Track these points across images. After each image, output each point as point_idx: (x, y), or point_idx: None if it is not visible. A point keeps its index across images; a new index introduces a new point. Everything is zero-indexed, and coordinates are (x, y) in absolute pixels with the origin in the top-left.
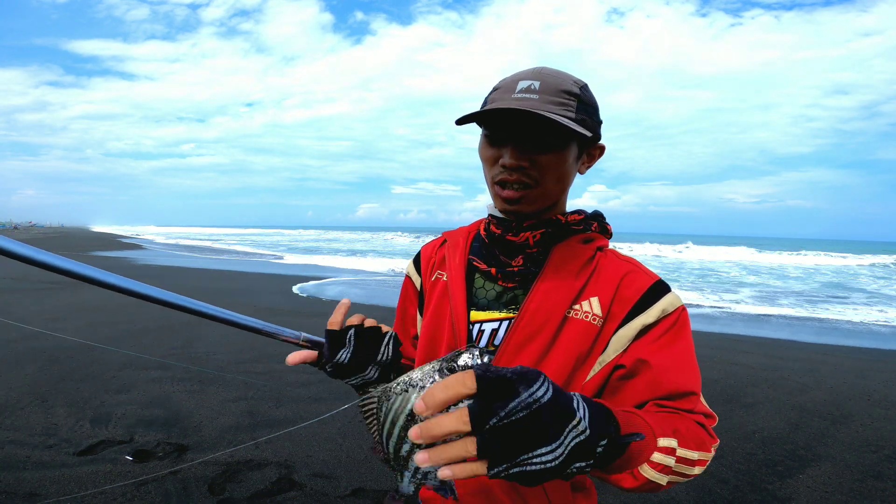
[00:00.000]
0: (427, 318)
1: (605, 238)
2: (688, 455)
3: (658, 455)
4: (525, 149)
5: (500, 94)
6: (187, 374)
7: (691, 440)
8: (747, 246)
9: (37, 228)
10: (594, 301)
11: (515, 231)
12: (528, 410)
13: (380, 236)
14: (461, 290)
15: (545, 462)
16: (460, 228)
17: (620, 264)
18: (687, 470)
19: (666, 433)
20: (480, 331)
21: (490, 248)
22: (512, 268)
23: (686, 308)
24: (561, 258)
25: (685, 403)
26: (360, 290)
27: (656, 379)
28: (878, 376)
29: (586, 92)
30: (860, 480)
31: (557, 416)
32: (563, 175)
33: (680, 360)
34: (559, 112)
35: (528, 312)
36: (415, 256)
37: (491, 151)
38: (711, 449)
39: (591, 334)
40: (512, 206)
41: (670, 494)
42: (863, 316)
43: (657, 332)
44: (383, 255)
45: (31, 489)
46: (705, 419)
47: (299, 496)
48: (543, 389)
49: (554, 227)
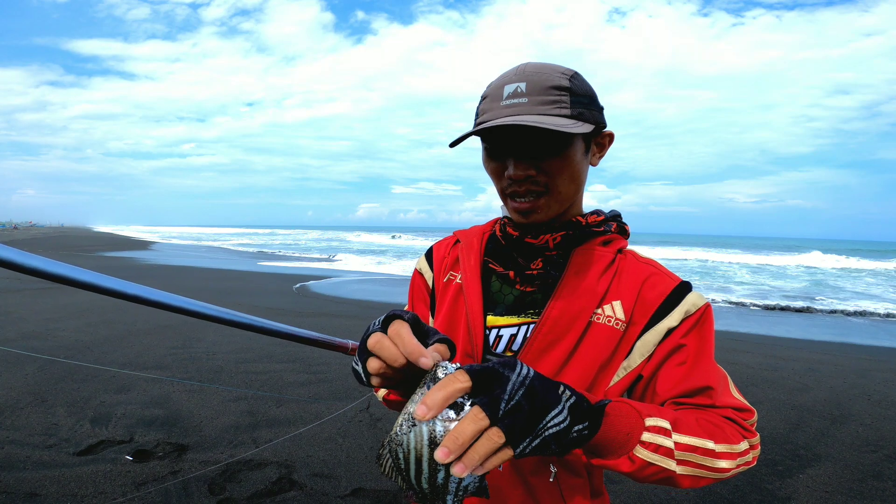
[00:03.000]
0: (440, 321)
1: (624, 239)
2: (695, 443)
3: (648, 434)
4: (528, 157)
5: (489, 103)
6: (187, 374)
7: (702, 429)
8: (746, 247)
9: (37, 228)
10: (617, 305)
11: (535, 234)
12: (525, 388)
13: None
14: (477, 293)
15: (559, 423)
16: (473, 228)
17: (642, 267)
18: (708, 462)
19: (654, 414)
20: (498, 336)
21: (507, 249)
22: (531, 271)
23: (710, 305)
24: (582, 261)
25: (703, 399)
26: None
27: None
28: (878, 376)
29: (577, 81)
30: (860, 480)
31: (548, 387)
32: (573, 174)
33: (694, 358)
34: (552, 112)
35: (551, 318)
36: (426, 252)
37: (495, 165)
38: (743, 442)
39: (615, 339)
40: (528, 217)
41: (670, 495)
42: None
43: (679, 333)
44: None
45: (31, 489)
46: (736, 412)
47: (299, 496)
48: (526, 369)
49: (574, 229)
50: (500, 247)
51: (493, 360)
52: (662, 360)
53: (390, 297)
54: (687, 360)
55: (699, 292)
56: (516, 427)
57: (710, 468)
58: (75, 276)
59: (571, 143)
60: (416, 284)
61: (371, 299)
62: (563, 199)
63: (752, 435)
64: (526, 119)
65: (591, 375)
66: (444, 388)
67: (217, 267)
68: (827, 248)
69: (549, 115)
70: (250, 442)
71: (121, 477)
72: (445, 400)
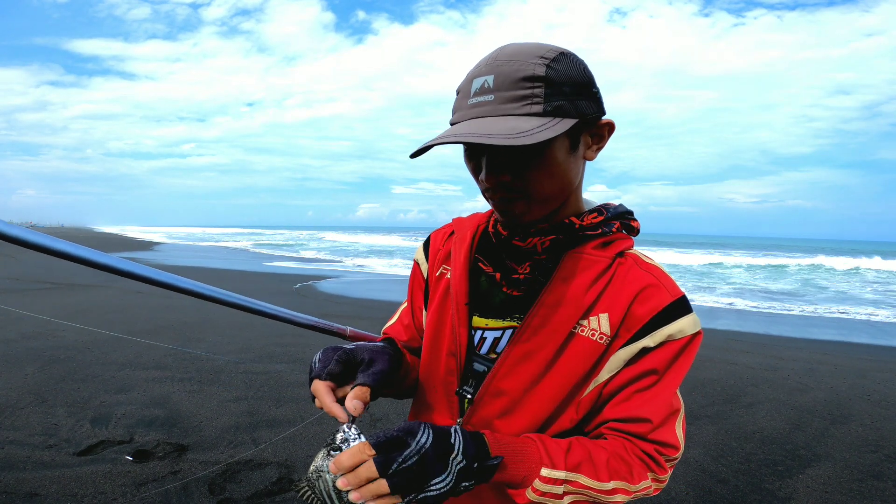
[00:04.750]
0: (430, 317)
1: (629, 239)
2: (592, 484)
3: (538, 482)
4: (501, 162)
5: (460, 100)
6: (187, 374)
7: (608, 470)
8: (746, 247)
9: (37, 228)
10: (603, 318)
11: (522, 236)
12: (419, 455)
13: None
14: (463, 293)
15: (440, 488)
16: (472, 216)
17: (640, 275)
18: (602, 497)
19: (558, 464)
20: (482, 338)
21: (497, 248)
22: (518, 275)
23: (702, 333)
24: (571, 268)
25: (637, 428)
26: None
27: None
28: (878, 376)
29: (558, 66)
30: (860, 480)
31: (442, 453)
32: (555, 175)
33: (656, 388)
34: (520, 111)
35: (531, 327)
36: (425, 241)
37: (471, 165)
38: (645, 480)
39: (596, 354)
40: (509, 219)
41: (670, 495)
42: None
43: (654, 358)
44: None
45: (31, 489)
46: (659, 450)
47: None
48: (426, 437)
49: (565, 232)
50: (492, 244)
51: (404, 426)
52: (625, 383)
53: (391, 295)
54: (647, 389)
55: (694, 315)
56: (402, 484)
57: (602, 501)
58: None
59: (549, 144)
60: (415, 275)
61: (372, 297)
62: (546, 201)
63: (663, 472)
64: (472, 135)
65: (568, 388)
66: (351, 459)
67: (216, 267)
68: (827, 249)
69: (515, 114)
70: (250, 442)
71: (121, 477)
72: (352, 468)
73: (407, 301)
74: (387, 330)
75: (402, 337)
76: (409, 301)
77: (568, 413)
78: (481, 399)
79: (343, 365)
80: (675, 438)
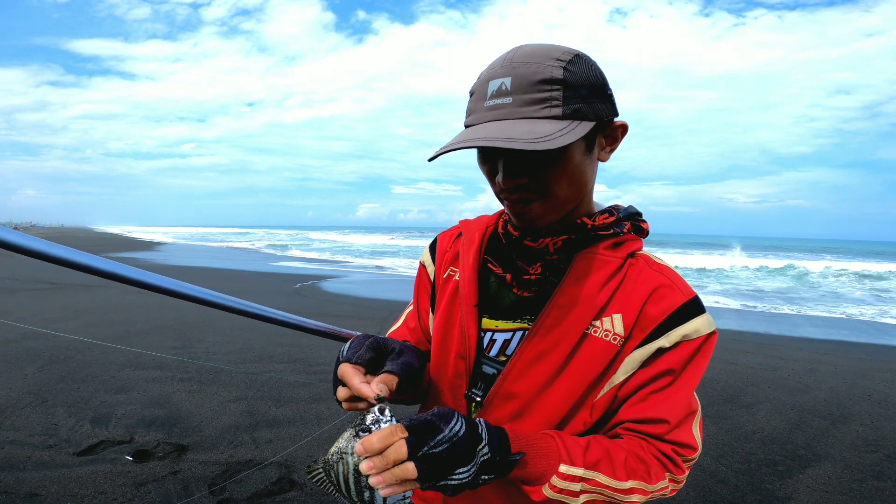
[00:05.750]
0: (437, 319)
1: (640, 240)
2: (609, 483)
3: (556, 479)
4: (518, 165)
5: (475, 102)
6: (187, 374)
7: (626, 469)
8: (746, 247)
9: (37, 228)
10: (617, 318)
11: (534, 236)
12: (451, 442)
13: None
14: (472, 295)
15: (462, 478)
16: (479, 219)
17: (652, 276)
18: (619, 496)
19: (576, 461)
20: (492, 340)
21: (507, 249)
22: (529, 275)
23: (717, 333)
24: (584, 268)
25: (654, 429)
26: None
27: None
28: (878, 376)
29: (575, 68)
30: (860, 480)
31: (470, 443)
32: (572, 177)
33: (673, 388)
34: (539, 114)
35: (543, 328)
36: (430, 243)
37: (486, 167)
38: (663, 480)
39: (609, 355)
40: (524, 221)
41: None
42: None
43: (670, 358)
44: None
45: (31, 489)
46: (677, 450)
47: (299, 496)
48: (459, 425)
49: (578, 232)
50: (502, 245)
51: (438, 411)
52: (641, 384)
53: (391, 294)
54: (663, 389)
55: (708, 315)
56: (429, 471)
57: (619, 501)
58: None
59: (567, 147)
60: (421, 277)
61: (372, 297)
62: (563, 203)
63: (680, 472)
64: (496, 139)
65: (580, 390)
66: (382, 441)
67: (216, 267)
68: (827, 249)
69: (535, 117)
70: (250, 442)
71: (121, 477)
72: (381, 450)
73: (412, 304)
74: (391, 334)
75: (408, 340)
76: (414, 304)
77: (581, 416)
78: (491, 402)
79: (374, 351)
80: (692, 439)
